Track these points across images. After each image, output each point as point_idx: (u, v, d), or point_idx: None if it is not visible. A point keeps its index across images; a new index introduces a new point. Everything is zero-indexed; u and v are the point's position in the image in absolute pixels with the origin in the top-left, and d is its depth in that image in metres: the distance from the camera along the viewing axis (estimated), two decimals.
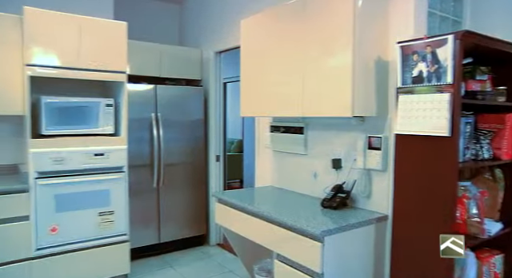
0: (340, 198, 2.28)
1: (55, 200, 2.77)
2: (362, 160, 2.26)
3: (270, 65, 2.57)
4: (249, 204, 2.44)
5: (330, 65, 2.13)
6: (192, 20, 4.40)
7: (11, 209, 2.64)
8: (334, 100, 2.10)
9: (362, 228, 2.06)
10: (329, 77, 2.12)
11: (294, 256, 2.03)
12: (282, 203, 2.62)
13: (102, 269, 3.00)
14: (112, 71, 3.01)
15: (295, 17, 2.36)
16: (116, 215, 3.02)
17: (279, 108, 2.51)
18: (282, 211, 2.28)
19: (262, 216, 2.26)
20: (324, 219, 2.10)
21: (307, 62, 2.26)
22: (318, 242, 1.86)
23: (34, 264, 2.73)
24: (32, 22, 2.72)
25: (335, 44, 2.09)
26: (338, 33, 2.06)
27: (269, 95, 2.58)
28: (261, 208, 2.35)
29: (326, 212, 2.24)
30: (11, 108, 2.84)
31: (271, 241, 2.22)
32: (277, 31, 2.51)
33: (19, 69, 2.81)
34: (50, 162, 2.73)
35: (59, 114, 2.88)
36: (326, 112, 2.18)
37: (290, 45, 2.38)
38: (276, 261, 2.17)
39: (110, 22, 3.11)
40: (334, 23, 2.09)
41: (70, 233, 2.85)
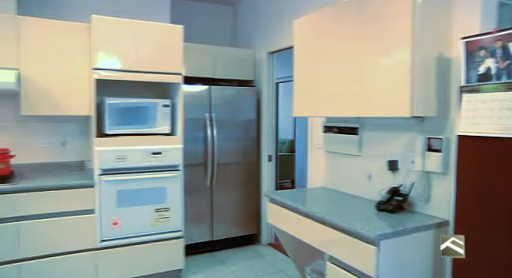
0: (396, 201, 2.19)
1: (117, 195, 2.94)
2: (421, 163, 2.16)
3: (323, 64, 2.53)
4: (301, 205, 2.43)
5: (387, 64, 2.06)
6: (245, 21, 4.46)
7: (79, 202, 2.84)
8: (392, 99, 2.02)
9: (421, 234, 1.96)
10: (386, 76, 2.05)
11: (348, 258, 1.99)
12: (335, 204, 2.57)
13: (158, 263, 3.13)
14: (169, 73, 3.13)
15: (350, 15, 2.31)
16: (172, 212, 3.14)
17: (333, 108, 2.47)
18: (335, 212, 2.24)
19: (314, 217, 2.24)
20: (379, 222, 2.03)
21: (363, 61, 2.20)
22: (373, 246, 1.81)
23: (99, 255, 2.92)
24: (98, 29, 2.91)
25: (393, 41, 2.02)
26: (396, 31, 1.99)
27: (322, 95, 2.54)
28: (313, 208, 2.32)
29: (381, 215, 2.16)
30: (79, 109, 3.06)
31: (324, 243, 2.19)
32: (331, 30, 2.47)
33: (86, 73, 3.01)
34: (112, 160, 2.90)
35: (121, 115, 3.05)
36: (382, 112, 2.11)
37: (345, 43, 2.33)
38: (328, 263, 2.14)
39: (167, 26, 3.24)
40: (391, 20, 2.02)
41: (129, 227, 3.00)
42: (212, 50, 3.91)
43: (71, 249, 2.84)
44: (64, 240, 2.81)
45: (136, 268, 3.05)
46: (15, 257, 2.67)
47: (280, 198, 2.64)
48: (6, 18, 2.84)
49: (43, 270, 2.76)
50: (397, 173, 2.36)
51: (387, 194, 2.24)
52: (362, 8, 2.21)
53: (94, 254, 2.91)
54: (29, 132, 3.26)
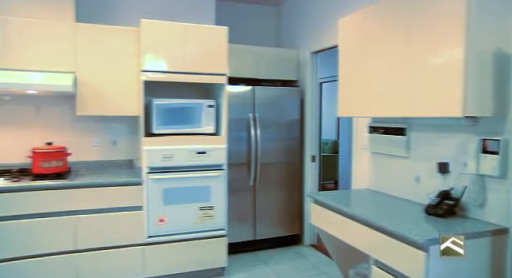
0: (447, 205, 2.09)
1: (163, 193, 3.04)
2: (474, 165, 2.05)
3: (369, 63, 2.47)
4: (346, 206, 2.38)
5: (437, 61, 1.97)
6: (289, 21, 4.45)
7: (128, 199, 2.97)
8: (442, 99, 1.93)
9: (475, 241, 1.86)
10: (436, 74, 1.97)
11: (394, 263, 1.92)
12: (381, 207, 2.50)
13: (202, 260, 3.20)
14: (214, 74, 3.19)
15: (397, 13, 2.23)
16: (216, 210, 3.19)
17: (380, 108, 2.40)
18: (380, 215, 2.18)
19: (359, 219, 2.19)
20: (428, 227, 1.95)
21: (412, 59, 2.12)
22: (422, 251, 1.74)
23: (146, 250, 3.03)
24: (147, 32, 3.02)
25: (445, 37, 1.92)
26: (449, 27, 1.90)
27: (368, 95, 2.48)
28: (358, 210, 2.28)
29: (431, 219, 2.07)
30: (129, 109, 3.20)
31: (369, 246, 2.13)
32: (377, 29, 2.40)
33: (135, 75, 3.14)
34: (159, 159, 3.01)
35: (167, 115, 3.14)
36: (432, 112, 2.02)
37: (392, 42, 2.26)
38: (374, 267, 2.08)
39: (213, 28, 3.30)
40: (443, 17, 1.93)
41: (175, 225, 3.09)
42: (255, 51, 3.94)
43: (121, 243, 2.98)
44: (114, 234, 2.94)
45: (181, 263, 3.14)
46: (72, 248, 2.84)
47: (324, 199, 2.61)
48: (66, 26, 3.03)
49: (96, 262, 2.91)
50: (447, 176, 2.25)
51: (437, 197, 2.15)
52: (410, 4, 2.13)
53: (142, 249, 3.02)
54: (83, 131, 3.45)
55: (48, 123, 3.34)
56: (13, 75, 2.83)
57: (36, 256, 2.76)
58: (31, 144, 3.05)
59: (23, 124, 3.28)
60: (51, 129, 3.33)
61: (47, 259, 2.79)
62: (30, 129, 3.28)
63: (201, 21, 3.45)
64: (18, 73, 2.86)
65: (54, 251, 2.81)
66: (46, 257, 2.79)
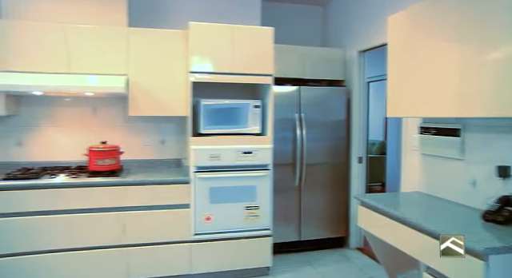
0: (509, 212, 1.96)
1: (210, 192, 3.10)
2: None
3: (420, 61, 2.37)
4: (395, 209, 2.31)
5: (496, 58, 1.85)
6: (335, 20, 4.38)
7: (176, 197, 3.06)
8: (502, 97, 1.81)
9: None
10: (495, 72, 1.85)
11: (448, 271, 1.83)
12: (432, 211, 2.39)
13: (247, 259, 3.23)
14: (260, 74, 3.21)
15: (450, 8, 2.12)
16: (261, 210, 3.21)
17: (431, 108, 2.30)
18: (432, 219, 2.09)
19: (409, 222, 2.11)
20: (487, 234, 1.84)
21: (466, 57, 2.01)
22: (480, 260, 1.64)
23: (193, 247, 3.11)
24: (195, 35, 3.10)
25: (503, 34, 1.81)
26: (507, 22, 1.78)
27: (419, 94, 2.38)
28: (408, 214, 2.19)
29: (489, 226, 1.95)
30: (177, 110, 3.30)
31: (420, 251, 2.05)
32: (428, 26, 2.30)
33: (184, 76, 3.23)
34: (207, 158, 3.07)
35: (214, 115, 3.21)
36: (490, 112, 1.90)
37: (446, 38, 2.15)
38: (425, 274, 2.00)
39: (259, 29, 3.33)
40: (501, 11, 1.81)
41: (221, 223, 3.15)
42: (301, 51, 3.91)
43: (169, 240, 3.07)
44: (163, 231, 3.05)
45: (226, 262, 3.19)
46: (122, 243, 2.97)
47: (371, 201, 2.54)
48: (119, 30, 3.18)
49: (146, 256, 3.02)
50: (508, 180, 2.11)
51: (497, 203, 2.02)
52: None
53: (189, 246, 3.10)
54: (134, 131, 3.60)
55: (102, 123, 3.52)
56: (73, 78, 3.02)
57: (90, 249, 2.93)
58: (87, 143, 3.23)
59: (81, 124, 3.48)
60: (105, 129, 3.51)
61: (101, 251, 2.94)
62: (86, 129, 3.47)
63: (247, 22, 3.48)
64: (77, 77, 3.04)
65: (107, 244, 2.95)
66: (100, 250, 2.94)
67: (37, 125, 3.40)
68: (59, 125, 3.45)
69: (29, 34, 3.01)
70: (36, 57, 3.02)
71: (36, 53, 3.02)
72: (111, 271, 2.97)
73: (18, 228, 2.79)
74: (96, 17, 3.19)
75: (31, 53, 3.02)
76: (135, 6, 3.45)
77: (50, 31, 3.04)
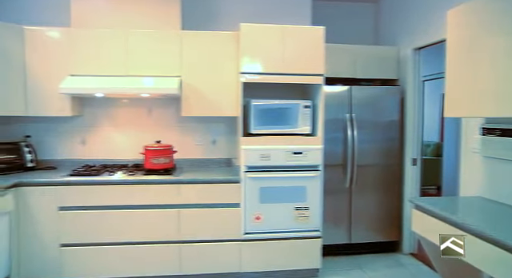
0: None
1: (260, 192, 3.13)
2: None
3: (483, 58, 2.23)
4: (453, 215, 2.19)
5: None
6: (388, 17, 4.24)
7: (226, 196, 3.12)
8: None
9: None
10: None
11: None
12: (497, 218, 2.24)
13: (296, 260, 3.22)
14: (310, 74, 3.19)
15: None
16: (311, 211, 3.19)
17: (496, 107, 2.15)
18: (498, 227, 1.96)
19: (470, 229, 1.99)
20: None
21: None
22: None
23: (243, 246, 3.15)
24: (246, 36, 3.13)
25: None
26: None
27: (481, 93, 2.24)
28: (469, 220, 2.07)
29: None
30: (228, 110, 3.36)
31: (482, 261, 1.93)
32: (493, 19, 2.16)
33: (234, 77, 3.29)
34: (257, 158, 3.10)
35: (264, 115, 3.23)
36: None
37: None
38: None
39: (310, 28, 3.30)
40: None
41: (270, 223, 3.16)
42: (352, 50, 3.83)
43: (219, 238, 3.14)
44: (213, 228, 3.11)
45: (275, 261, 3.20)
46: (176, 239, 3.08)
47: (427, 205, 2.43)
48: (173, 33, 3.30)
49: (198, 253, 3.11)
50: None
51: None
52: None
53: (239, 244, 3.15)
54: (186, 131, 3.72)
55: (157, 123, 3.67)
56: (130, 80, 3.17)
57: (144, 243, 3.06)
58: (143, 142, 3.39)
59: (137, 124, 3.65)
60: (159, 129, 3.66)
61: (155, 246, 3.07)
62: (142, 129, 3.64)
63: (297, 22, 3.47)
64: (134, 79, 3.20)
65: (161, 240, 3.07)
66: (154, 245, 3.07)
67: (98, 125, 3.63)
68: (117, 124, 3.64)
69: (92, 41, 3.22)
70: (98, 61, 3.22)
71: (98, 58, 3.22)
72: (165, 265, 3.09)
73: (82, 221, 2.98)
74: (152, 21, 3.34)
75: (94, 58, 3.22)
76: (187, 9, 3.56)
77: (111, 37, 3.23)
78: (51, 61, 3.21)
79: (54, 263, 2.98)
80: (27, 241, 2.94)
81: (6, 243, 2.81)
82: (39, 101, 3.22)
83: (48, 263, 2.97)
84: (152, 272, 3.08)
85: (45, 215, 2.95)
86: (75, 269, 3.00)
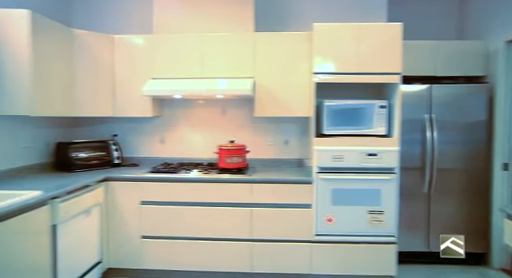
0: None
1: (332, 193, 3.07)
2: None
3: None
4: None
5: None
6: (474, 9, 3.90)
7: (298, 197, 3.11)
8: None
9: None
10: None
11: None
12: None
13: (369, 265, 3.11)
14: (386, 73, 3.05)
15: None
16: (385, 215, 3.05)
17: None
18: None
19: None
20: None
21: None
22: None
23: (314, 247, 3.12)
24: (319, 35, 3.10)
25: None
26: None
27: None
28: None
29: None
30: (300, 111, 3.36)
31: None
32: None
33: (307, 77, 3.27)
34: (330, 159, 3.04)
35: (337, 116, 3.16)
36: None
37: None
38: None
39: (386, 25, 3.17)
40: None
41: (342, 226, 3.08)
42: (433, 46, 3.59)
43: (290, 238, 3.13)
44: (284, 229, 3.12)
45: (347, 266, 3.11)
46: (248, 237, 3.14)
47: None
48: (246, 35, 3.38)
49: (268, 252, 3.14)
50: None
51: None
52: None
53: (310, 246, 3.12)
54: (258, 131, 3.77)
55: (230, 123, 3.78)
56: (206, 82, 3.31)
57: (217, 239, 3.16)
58: (217, 142, 3.51)
59: (211, 124, 3.80)
60: (233, 129, 3.76)
61: (227, 243, 3.16)
62: (216, 129, 3.78)
63: (372, 19, 3.36)
64: (209, 80, 3.33)
65: (233, 237, 3.15)
66: (226, 242, 3.16)
67: (175, 125, 3.83)
68: (193, 124, 3.82)
69: (171, 46, 3.42)
70: (176, 64, 3.41)
71: (176, 62, 3.41)
72: (236, 262, 3.16)
73: (160, 215, 3.17)
74: (226, 24, 3.44)
75: (172, 61, 3.41)
76: (260, 11, 3.60)
77: (188, 41, 3.40)
78: (135, 66, 3.47)
79: (136, 252, 3.20)
80: (114, 231, 3.21)
81: (98, 231, 3.09)
82: (124, 103, 3.49)
83: (131, 252, 3.21)
84: (223, 267, 3.18)
85: (128, 208, 3.19)
86: (154, 260, 3.20)
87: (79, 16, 3.84)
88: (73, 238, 2.71)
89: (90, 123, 3.87)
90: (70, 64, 3.27)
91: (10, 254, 2.08)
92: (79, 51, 3.32)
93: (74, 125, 3.85)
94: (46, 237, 2.43)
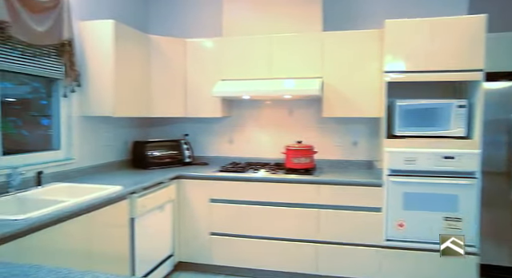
0: None
1: (403, 197, 2.93)
2: None
3: None
4: None
5: None
6: None
7: (366, 200, 3.01)
8: None
9: None
10: None
11: None
12: None
13: (445, 276, 2.91)
14: (466, 70, 2.84)
15: None
16: (464, 223, 2.84)
17: None
18: None
19: None
20: None
21: None
22: None
23: (383, 253, 3.00)
24: (391, 32, 2.98)
25: None
26: None
27: None
28: None
29: None
30: (369, 111, 3.25)
31: None
32: None
33: (377, 76, 3.16)
34: (401, 161, 2.91)
35: (410, 116, 3.01)
36: None
37: None
38: None
39: (466, 18, 2.94)
40: None
41: (415, 232, 2.93)
42: None
43: (357, 242, 3.05)
44: (352, 232, 3.04)
45: (420, 274, 2.95)
46: (314, 238, 3.11)
47: None
48: (314, 35, 3.35)
49: (335, 254, 3.08)
50: None
51: None
52: None
53: (378, 251, 3.01)
54: (326, 132, 3.72)
55: (297, 123, 3.77)
56: (273, 83, 3.34)
57: (283, 239, 3.17)
58: (283, 142, 3.53)
59: (278, 124, 3.82)
60: (300, 129, 3.75)
61: (293, 243, 3.15)
62: (283, 129, 3.79)
63: (451, 12, 3.13)
64: (277, 81, 3.36)
65: (299, 238, 3.14)
66: (292, 242, 3.15)
67: (243, 125, 3.92)
68: (261, 125, 3.87)
69: (239, 47, 3.49)
70: (245, 66, 3.48)
71: (245, 63, 3.48)
72: (302, 263, 3.15)
73: (228, 213, 3.26)
74: (294, 24, 3.43)
75: (241, 63, 3.49)
76: (327, 10, 3.54)
77: (255, 42, 3.45)
78: (205, 68, 3.60)
79: (205, 248, 3.32)
80: (185, 227, 3.36)
81: (170, 226, 3.26)
82: (195, 104, 3.64)
83: (200, 247, 3.34)
84: (289, 268, 3.18)
85: (198, 205, 3.32)
86: (222, 256, 3.30)
87: (154, 21, 4.08)
88: (148, 231, 2.88)
89: (163, 123, 4.08)
90: (146, 67, 3.48)
91: (95, 242, 2.27)
92: (154, 55, 3.53)
93: (148, 125, 4.10)
94: (125, 229, 2.61)
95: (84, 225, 2.17)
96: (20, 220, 1.79)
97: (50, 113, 2.99)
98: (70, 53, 2.84)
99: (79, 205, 2.13)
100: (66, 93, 2.95)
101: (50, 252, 1.91)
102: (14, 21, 2.34)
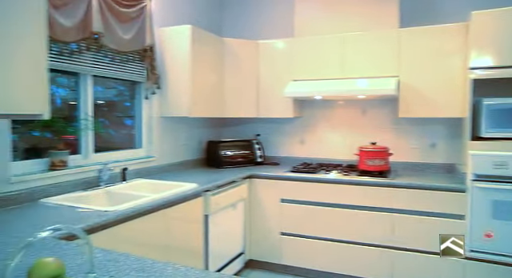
0: None
1: (492, 205, 2.68)
2: None
3: None
4: None
5: None
6: None
7: (447, 206, 2.81)
8: None
9: None
10: None
11: None
12: None
13: None
14: None
15: None
16: None
17: None
18: None
19: None
20: None
21: None
22: None
23: (467, 264, 2.77)
24: (477, 25, 2.74)
25: None
26: None
27: None
28: None
29: None
30: (452, 111, 3.04)
31: None
32: None
33: (459, 73, 2.95)
34: (489, 165, 2.67)
35: (500, 117, 2.74)
36: None
37: None
38: None
39: None
40: None
41: (505, 244, 2.66)
42: None
43: (436, 250, 2.84)
44: (431, 239, 2.85)
45: None
46: (389, 244, 2.98)
47: None
48: (390, 33, 3.22)
49: (411, 262, 2.92)
50: None
51: None
52: None
53: (462, 262, 2.79)
54: (401, 133, 3.54)
55: (371, 124, 3.64)
56: (346, 83, 3.26)
57: (354, 243, 3.08)
58: (356, 144, 3.43)
59: (351, 125, 3.72)
60: (373, 130, 3.61)
61: (365, 248, 3.05)
62: (355, 130, 3.69)
63: None
64: (349, 81, 3.28)
65: (371, 242, 3.03)
66: (363, 246, 3.05)
67: (315, 126, 3.88)
68: (333, 125, 3.80)
69: (311, 47, 3.46)
70: (316, 66, 3.44)
71: (316, 63, 3.44)
72: (374, 269, 3.03)
73: (298, 214, 3.25)
74: (368, 22, 3.32)
75: (312, 63, 3.46)
76: (405, 6, 3.36)
77: (327, 42, 3.40)
78: (277, 69, 3.63)
79: (275, 248, 3.35)
80: (256, 226, 3.41)
81: (242, 225, 3.33)
82: (267, 105, 3.69)
83: (271, 247, 3.37)
84: (361, 272, 3.08)
85: (269, 205, 3.35)
86: (292, 256, 3.30)
87: (228, 23, 4.21)
88: (221, 229, 2.97)
89: (236, 123, 4.19)
90: (220, 69, 3.60)
91: (172, 236, 2.40)
92: (227, 57, 3.64)
93: (222, 126, 4.24)
94: (200, 225, 2.73)
95: (162, 220, 2.31)
96: (110, 212, 1.95)
97: (132, 113, 3.23)
98: (151, 57, 3.05)
99: (158, 201, 2.26)
100: (147, 95, 3.16)
101: (133, 243, 2.06)
102: (107, 31, 2.57)
